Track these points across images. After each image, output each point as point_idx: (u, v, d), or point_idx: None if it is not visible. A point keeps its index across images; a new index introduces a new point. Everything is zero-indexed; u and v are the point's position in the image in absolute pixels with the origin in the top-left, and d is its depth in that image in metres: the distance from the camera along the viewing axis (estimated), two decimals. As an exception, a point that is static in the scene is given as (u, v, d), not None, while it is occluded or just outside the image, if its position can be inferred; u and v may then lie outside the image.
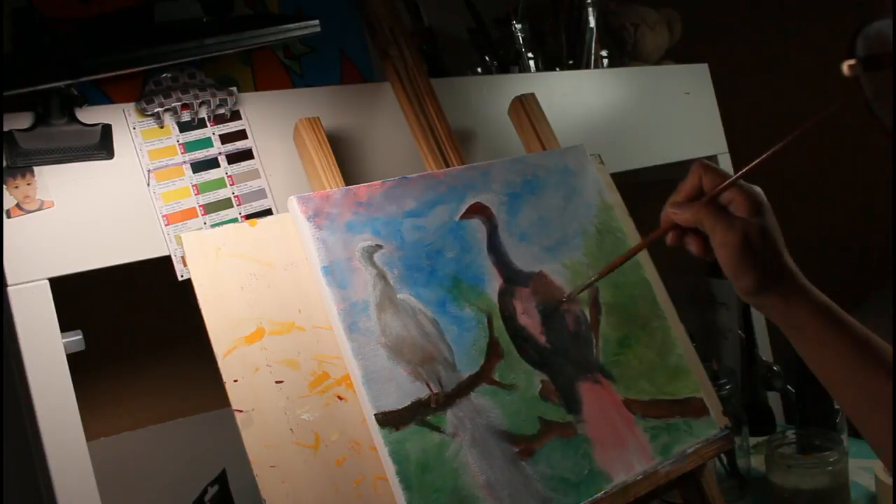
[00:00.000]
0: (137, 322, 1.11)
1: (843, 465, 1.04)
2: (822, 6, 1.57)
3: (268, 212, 0.86)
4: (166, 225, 0.81)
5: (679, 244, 0.73)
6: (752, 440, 1.21)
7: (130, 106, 0.82)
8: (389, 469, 0.71)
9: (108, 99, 0.85)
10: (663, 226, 0.72)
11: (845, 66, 0.48)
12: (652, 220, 0.77)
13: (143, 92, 0.82)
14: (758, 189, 0.69)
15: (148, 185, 0.81)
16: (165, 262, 0.80)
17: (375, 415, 0.72)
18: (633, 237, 0.97)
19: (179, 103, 0.83)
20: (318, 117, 0.87)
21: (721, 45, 1.60)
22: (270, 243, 0.78)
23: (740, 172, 0.67)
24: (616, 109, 1.25)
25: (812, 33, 1.61)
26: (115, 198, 0.79)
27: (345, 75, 1.05)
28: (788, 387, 1.31)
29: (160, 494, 1.07)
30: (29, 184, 0.75)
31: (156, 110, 0.82)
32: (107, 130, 0.79)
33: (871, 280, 1.63)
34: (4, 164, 0.74)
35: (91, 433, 0.75)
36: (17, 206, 0.74)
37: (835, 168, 1.66)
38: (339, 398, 0.74)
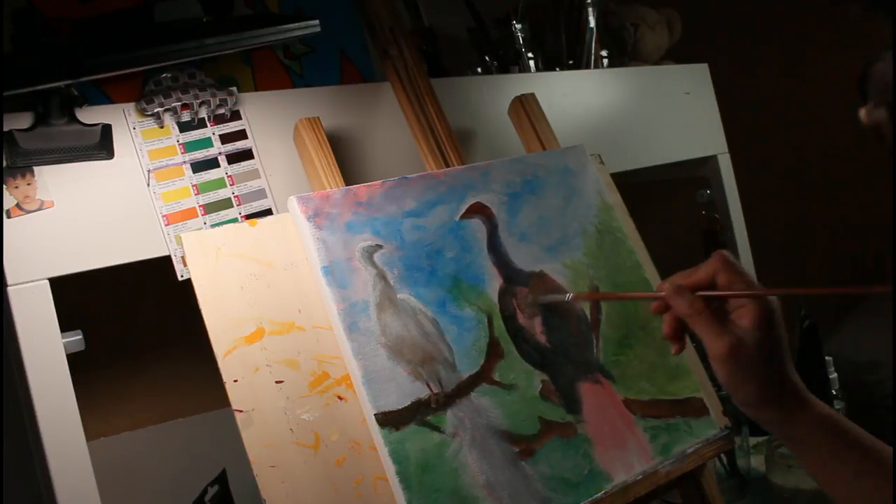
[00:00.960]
0: (137, 322, 1.11)
1: (843, 465, 1.04)
2: (822, 6, 1.57)
3: (268, 212, 0.86)
4: (166, 225, 0.81)
5: (659, 314, 0.67)
6: (752, 440, 1.21)
7: (130, 106, 0.82)
8: (389, 469, 0.71)
9: (108, 99, 0.85)
10: (657, 292, 0.66)
11: (862, 114, 0.45)
12: (652, 220, 0.77)
13: (143, 92, 0.82)
14: (773, 300, 0.63)
15: (148, 185, 0.81)
16: (165, 262, 0.80)
17: (375, 415, 0.72)
18: (633, 237, 0.97)
19: (179, 103, 0.83)
20: (318, 117, 0.87)
21: (721, 45, 1.60)
22: (270, 243, 0.78)
23: (756, 292, 0.61)
24: (616, 109, 1.25)
25: (812, 33, 1.61)
26: (115, 198, 0.79)
27: (345, 75, 1.05)
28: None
29: (160, 494, 1.07)
30: (29, 184, 0.75)
31: (156, 110, 0.82)
32: (107, 130, 0.79)
33: (870, 280, 1.63)
34: (4, 164, 0.74)
35: (91, 433, 0.75)
36: (17, 206, 0.74)
37: (836, 167, 1.66)
38: (339, 398, 0.74)
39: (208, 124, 0.86)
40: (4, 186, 0.73)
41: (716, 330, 0.61)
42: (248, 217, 0.85)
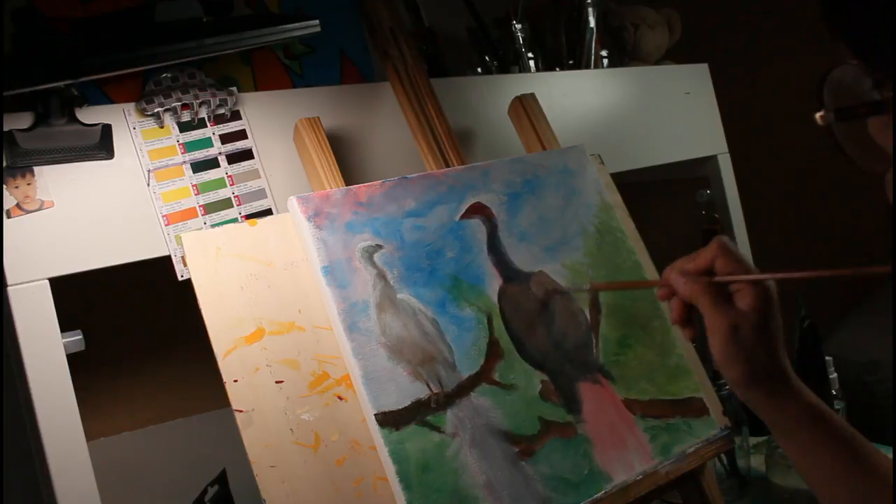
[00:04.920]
0: (137, 322, 1.11)
1: (843, 465, 1.03)
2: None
3: (268, 212, 0.86)
4: (166, 225, 0.81)
5: (666, 300, 0.71)
6: (752, 440, 1.21)
7: (130, 106, 0.82)
8: (389, 469, 0.71)
9: (108, 99, 0.85)
10: (662, 281, 0.70)
11: (818, 117, 0.49)
12: (652, 220, 0.77)
13: (143, 92, 0.82)
14: (770, 285, 0.66)
15: (148, 185, 0.81)
16: (165, 262, 0.80)
17: (375, 415, 0.72)
18: (632, 237, 0.97)
19: (179, 103, 0.83)
20: (318, 117, 0.87)
21: (721, 45, 1.60)
22: (270, 243, 0.78)
23: (755, 276, 0.65)
24: (616, 109, 1.25)
25: (811, 33, 1.61)
26: (115, 198, 0.79)
27: (345, 75, 1.05)
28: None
29: (160, 494, 1.07)
30: (29, 184, 0.75)
31: (156, 110, 0.82)
32: (107, 130, 0.79)
33: (871, 280, 1.63)
34: (4, 164, 0.74)
35: (91, 433, 0.75)
36: (17, 206, 0.74)
37: (836, 167, 1.66)
38: (339, 398, 0.74)
39: (208, 124, 0.86)
40: (4, 186, 0.73)
41: (717, 308, 0.65)
42: (248, 217, 0.85)
